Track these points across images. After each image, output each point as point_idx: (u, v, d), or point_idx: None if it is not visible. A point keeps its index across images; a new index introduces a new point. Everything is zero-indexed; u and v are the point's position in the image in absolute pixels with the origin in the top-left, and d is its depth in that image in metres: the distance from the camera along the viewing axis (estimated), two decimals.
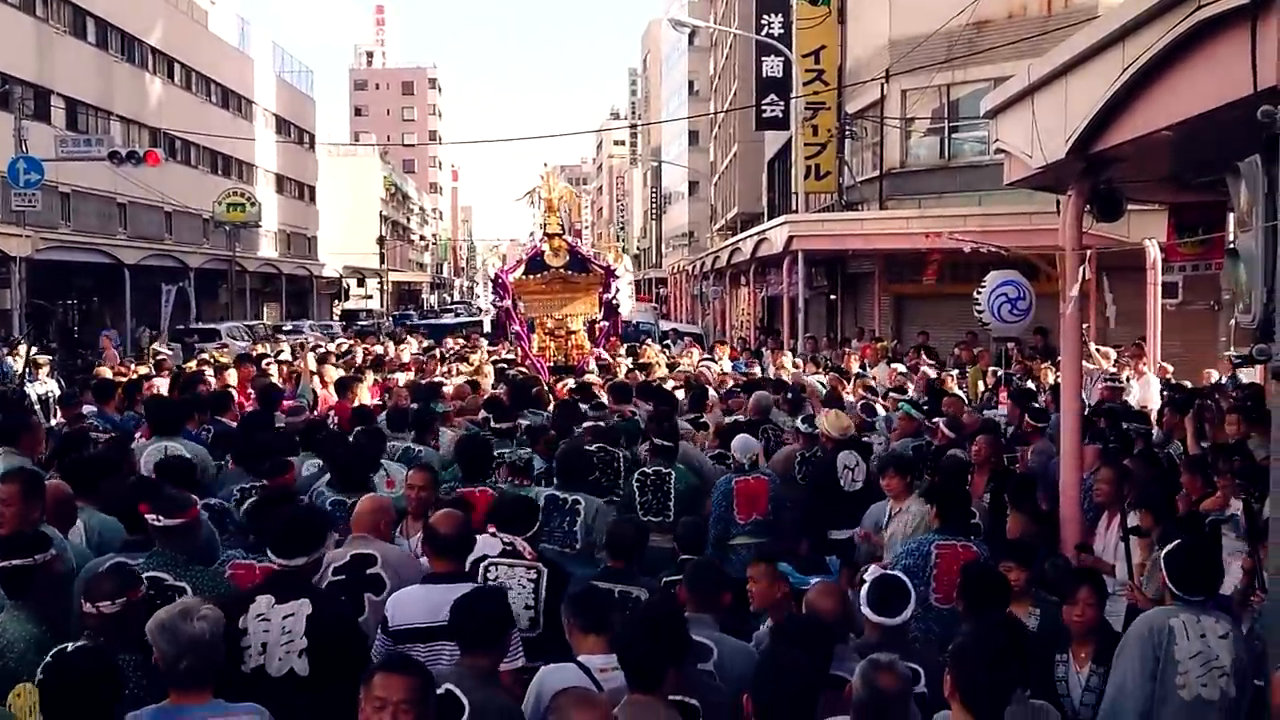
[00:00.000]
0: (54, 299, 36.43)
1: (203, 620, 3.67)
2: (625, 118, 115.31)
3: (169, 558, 4.86)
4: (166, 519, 4.85)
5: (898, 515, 6.97)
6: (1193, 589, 4.62)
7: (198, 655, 3.63)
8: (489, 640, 4.03)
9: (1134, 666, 4.51)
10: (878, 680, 3.57)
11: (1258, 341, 4.78)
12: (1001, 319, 13.20)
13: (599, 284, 15.05)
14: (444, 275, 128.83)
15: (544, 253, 14.98)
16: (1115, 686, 4.59)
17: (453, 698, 3.81)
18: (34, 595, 4.43)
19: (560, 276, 14.90)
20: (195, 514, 5.05)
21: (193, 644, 3.62)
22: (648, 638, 3.78)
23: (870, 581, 4.67)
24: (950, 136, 24.10)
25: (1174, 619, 4.53)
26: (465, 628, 4.07)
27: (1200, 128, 5.77)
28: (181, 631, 3.62)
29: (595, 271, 15.17)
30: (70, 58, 36.07)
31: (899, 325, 24.80)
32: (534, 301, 15.09)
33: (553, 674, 4.23)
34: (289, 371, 13.81)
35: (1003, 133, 8.60)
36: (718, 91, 55.49)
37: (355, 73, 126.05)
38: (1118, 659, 4.62)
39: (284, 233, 59.44)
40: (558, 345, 14.83)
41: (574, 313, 15.05)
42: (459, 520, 5.02)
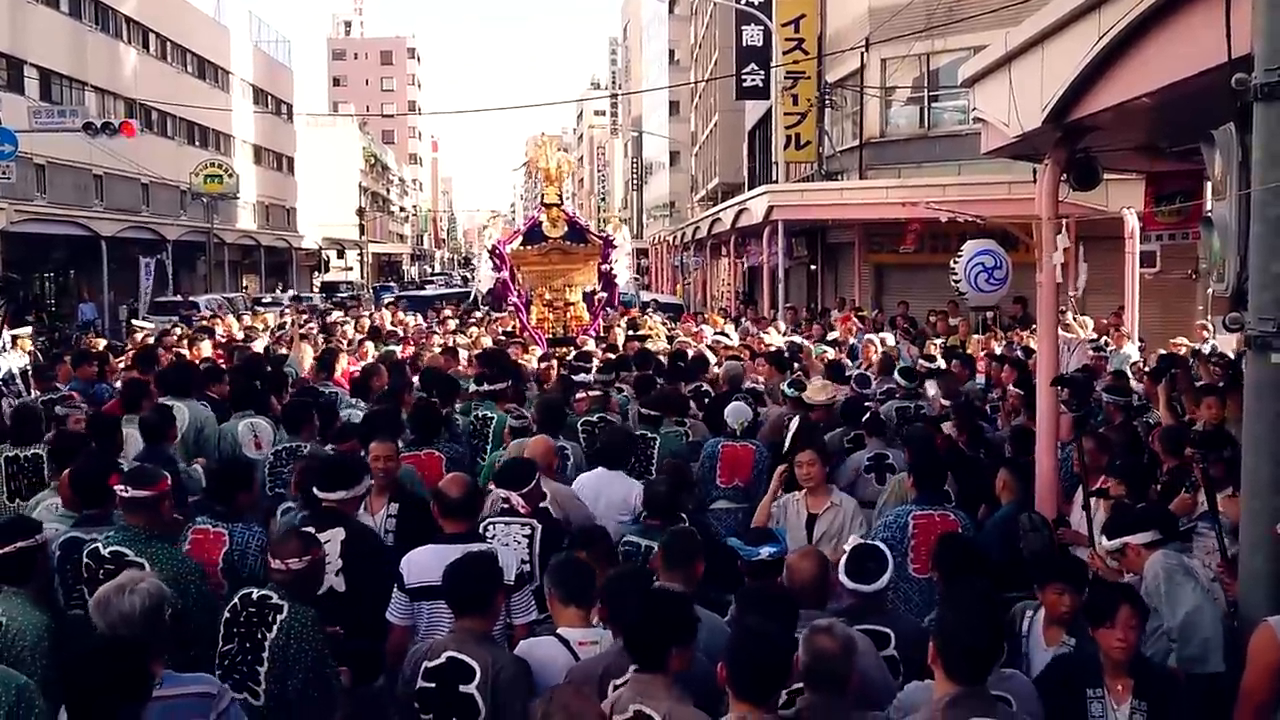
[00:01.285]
0: (30, 272, 36.15)
1: (134, 595, 3.69)
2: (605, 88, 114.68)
3: (132, 533, 4.90)
4: (135, 490, 4.93)
5: (825, 514, 6.15)
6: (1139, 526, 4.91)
7: (130, 629, 3.64)
8: (479, 604, 4.15)
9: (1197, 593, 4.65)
10: (817, 643, 3.67)
11: (1231, 309, 4.80)
12: (978, 288, 13.22)
13: (597, 255, 14.82)
14: (425, 247, 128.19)
15: (542, 223, 14.74)
16: (1187, 611, 4.63)
17: (458, 663, 3.98)
18: (34, 580, 4.46)
19: (559, 247, 14.60)
20: (164, 487, 5.07)
21: (124, 619, 3.66)
22: (653, 617, 3.80)
23: (848, 550, 4.70)
24: (930, 106, 24.08)
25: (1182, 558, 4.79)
26: (455, 593, 4.19)
27: (1176, 96, 5.78)
28: (113, 606, 3.68)
29: (593, 242, 14.97)
30: (43, 27, 35.57)
31: (879, 295, 24.85)
32: (532, 273, 14.88)
33: (533, 648, 4.31)
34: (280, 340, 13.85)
35: (980, 101, 8.59)
36: (698, 61, 55.22)
37: (333, 42, 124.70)
38: (1171, 593, 4.68)
39: (262, 204, 58.98)
40: (556, 317, 14.60)
41: (572, 284, 14.82)
42: (466, 483, 5.25)
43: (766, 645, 3.53)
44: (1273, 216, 4.36)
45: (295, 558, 4.38)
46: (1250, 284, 4.52)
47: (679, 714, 3.63)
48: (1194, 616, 4.61)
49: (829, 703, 3.67)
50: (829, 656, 3.65)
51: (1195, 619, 4.60)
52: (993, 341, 14.80)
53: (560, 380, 9.68)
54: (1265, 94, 4.34)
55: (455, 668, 4.01)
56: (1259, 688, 4.12)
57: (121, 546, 4.81)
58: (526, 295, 14.85)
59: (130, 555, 4.78)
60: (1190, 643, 4.61)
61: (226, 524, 5.48)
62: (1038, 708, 4.13)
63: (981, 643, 3.62)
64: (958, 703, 3.55)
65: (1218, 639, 4.59)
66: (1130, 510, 5.30)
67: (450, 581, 4.23)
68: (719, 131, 46.14)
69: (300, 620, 4.29)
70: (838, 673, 3.66)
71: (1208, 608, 4.67)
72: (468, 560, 4.31)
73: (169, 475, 5.28)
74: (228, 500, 5.57)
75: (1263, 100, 4.36)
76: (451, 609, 4.24)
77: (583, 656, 4.22)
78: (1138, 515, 5.11)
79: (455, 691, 4.01)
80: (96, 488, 5.28)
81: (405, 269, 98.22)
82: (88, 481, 5.38)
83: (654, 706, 3.64)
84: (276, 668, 4.23)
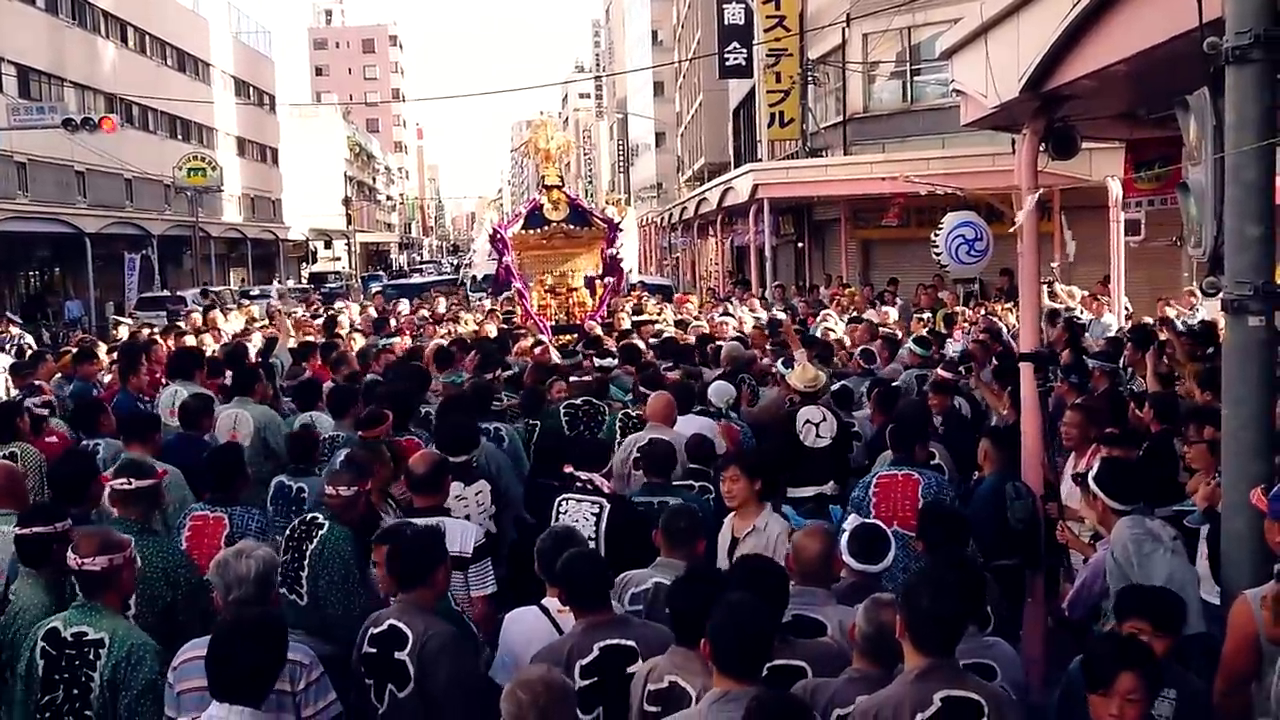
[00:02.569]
0: (14, 271, 36.01)
1: (250, 559, 4.14)
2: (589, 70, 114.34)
3: (124, 525, 4.88)
4: (139, 481, 5.06)
5: (747, 539, 5.52)
6: (1126, 498, 4.94)
7: (244, 589, 4.09)
8: (420, 577, 4.31)
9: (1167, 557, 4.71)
10: (881, 615, 3.74)
11: (1208, 274, 4.79)
12: (959, 260, 13.23)
13: (601, 238, 14.26)
14: (413, 235, 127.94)
15: (543, 206, 14.16)
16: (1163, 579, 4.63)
17: (395, 630, 4.21)
18: (51, 564, 4.55)
19: (561, 231, 14.08)
20: (160, 478, 5.28)
21: (239, 580, 4.09)
22: (694, 597, 3.85)
23: (850, 529, 4.69)
24: (913, 80, 24.05)
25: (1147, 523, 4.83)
26: (399, 567, 4.35)
27: (1150, 62, 5.75)
28: (231, 568, 4.12)
29: (597, 225, 14.38)
30: (19, 24, 35.34)
31: (866, 270, 24.85)
32: (533, 257, 14.29)
33: (515, 620, 4.51)
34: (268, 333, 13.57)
35: (958, 73, 8.55)
36: (681, 41, 55.05)
37: (314, 31, 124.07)
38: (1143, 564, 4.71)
39: (248, 196, 58.80)
40: (559, 303, 14.07)
41: (575, 269, 14.25)
42: (433, 459, 5.68)
43: (748, 619, 3.53)
44: (1247, 180, 4.35)
45: (345, 486, 5.21)
46: (1226, 248, 4.51)
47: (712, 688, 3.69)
48: (1169, 582, 4.60)
49: (883, 675, 3.71)
50: (892, 630, 3.67)
51: (1170, 584, 4.59)
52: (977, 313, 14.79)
53: (536, 369, 9.61)
54: (1237, 57, 4.32)
55: (393, 635, 4.22)
56: (1237, 659, 4.13)
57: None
58: (525, 281, 14.23)
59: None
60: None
61: (225, 508, 5.67)
62: (1021, 676, 4.14)
63: (947, 611, 3.60)
64: (926, 675, 3.54)
65: (1195, 601, 4.62)
66: (1128, 475, 5.23)
67: (391, 560, 4.42)
68: (704, 111, 46.04)
69: (336, 536, 5.10)
70: (896, 645, 3.69)
71: (1179, 572, 4.70)
72: (410, 536, 4.49)
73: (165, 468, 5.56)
74: (225, 486, 5.76)
75: (1235, 63, 4.34)
76: (397, 583, 4.38)
77: (562, 624, 4.36)
78: (1128, 485, 5.07)
79: (391, 658, 4.19)
80: (76, 487, 5.36)
81: (394, 258, 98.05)
82: (65, 481, 5.45)
83: (689, 680, 3.76)
84: (313, 572, 5.06)
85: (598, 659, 4.07)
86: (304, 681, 3.89)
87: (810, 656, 3.98)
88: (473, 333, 13.65)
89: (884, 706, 3.53)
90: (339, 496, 5.19)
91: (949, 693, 3.51)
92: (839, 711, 3.67)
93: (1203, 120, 4.84)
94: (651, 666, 3.90)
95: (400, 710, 4.17)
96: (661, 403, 7.26)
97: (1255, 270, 4.39)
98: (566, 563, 4.28)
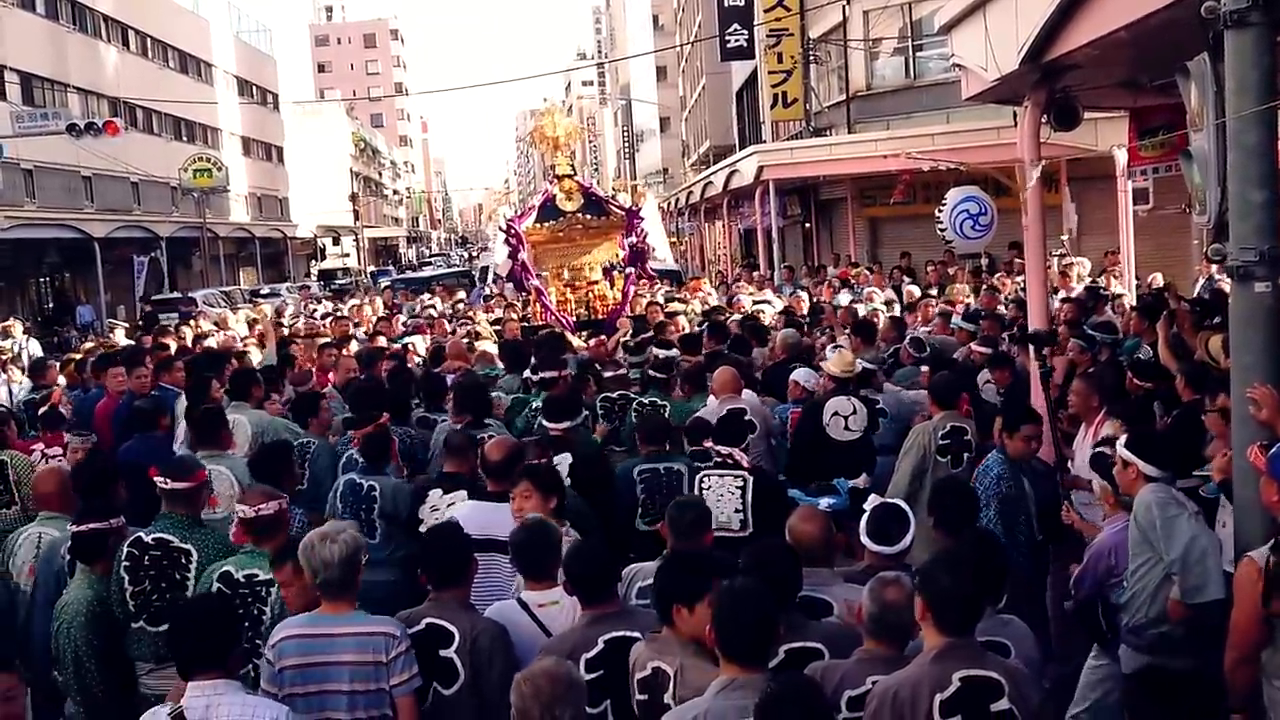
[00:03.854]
0: (24, 277, 36.15)
1: (335, 544, 4.19)
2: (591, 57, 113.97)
3: (174, 520, 5.12)
4: (174, 483, 5.17)
5: None
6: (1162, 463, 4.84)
7: (330, 572, 4.16)
8: (456, 575, 4.37)
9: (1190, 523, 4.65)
10: (885, 594, 3.71)
11: (1213, 241, 4.76)
12: (964, 235, 13.16)
13: (619, 227, 13.48)
14: (421, 229, 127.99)
15: (555, 197, 13.41)
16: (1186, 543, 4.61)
17: (437, 628, 4.21)
18: (106, 559, 4.95)
19: (577, 222, 13.31)
20: (202, 477, 5.37)
21: (325, 564, 4.15)
22: (674, 578, 3.91)
23: (869, 510, 4.64)
24: (915, 55, 23.90)
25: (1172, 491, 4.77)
26: (432, 566, 4.41)
27: (1149, 29, 5.72)
28: (317, 552, 4.17)
29: (615, 214, 13.55)
30: (20, 31, 35.37)
31: (875, 248, 24.77)
32: (548, 251, 13.50)
33: (496, 611, 4.50)
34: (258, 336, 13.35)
35: (957, 47, 8.53)
36: (682, 25, 54.83)
37: (315, 28, 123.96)
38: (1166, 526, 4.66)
39: (254, 196, 58.89)
40: (578, 298, 13.33)
41: (593, 261, 13.52)
42: (508, 446, 5.77)
43: (752, 605, 3.51)
44: (1248, 144, 4.33)
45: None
46: (1230, 214, 4.48)
47: (690, 666, 3.72)
48: (1191, 547, 4.60)
49: (892, 655, 3.71)
50: (897, 607, 3.68)
51: (1192, 549, 4.60)
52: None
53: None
54: (1235, 21, 4.30)
55: (434, 633, 4.22)
56: (1246, 619, 4.12)
57: (165, 534, 5.07)
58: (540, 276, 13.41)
59: (175, 541, 5.05)
60: (1190, 573, 4.61)
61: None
62: (1036, 652, 4.12)
63: (965, 591, 3.59)
64: (945, 655, 3.54)
65: (1217, 567, 4.58)
66: (1162, 441, 5.20)
67: (425, 558, 4.49)
68: (707, 95, 45.85)
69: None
70: (904, 623, 3.70)
71: (1202, 537, 4.66)
72: (442, 535, 4.56)
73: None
74: (274, 482, 5.71)
75: (1233, 28, 4.31)
76: (430, 582, 4.42)
77: (543, 618, 4.37)
78: (1163, 450, 4.98)
79: (436, 656, 4.19)
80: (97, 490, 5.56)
81: (402, 252, 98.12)
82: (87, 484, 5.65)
83: (668, 661, 3.79)
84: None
85: (603, 652, 4.06)
86: (394, 652, 4.07)
87: (826, 638, 3.97)
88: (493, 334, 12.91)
89: (902, 687, 3.52)
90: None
91: (968, 672, 3.51)
92: (850, 693, 3.65)
93: (1203, 86, 4.81)
94: (636, 655, 3.91)
95: (449, 708, 4.19)
96: (727, 375, 7.57)
97: (1260, 235, 4.37)
98: (571, 555, 4.28)
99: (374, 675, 4.03)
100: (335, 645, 4.07)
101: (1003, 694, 3.49)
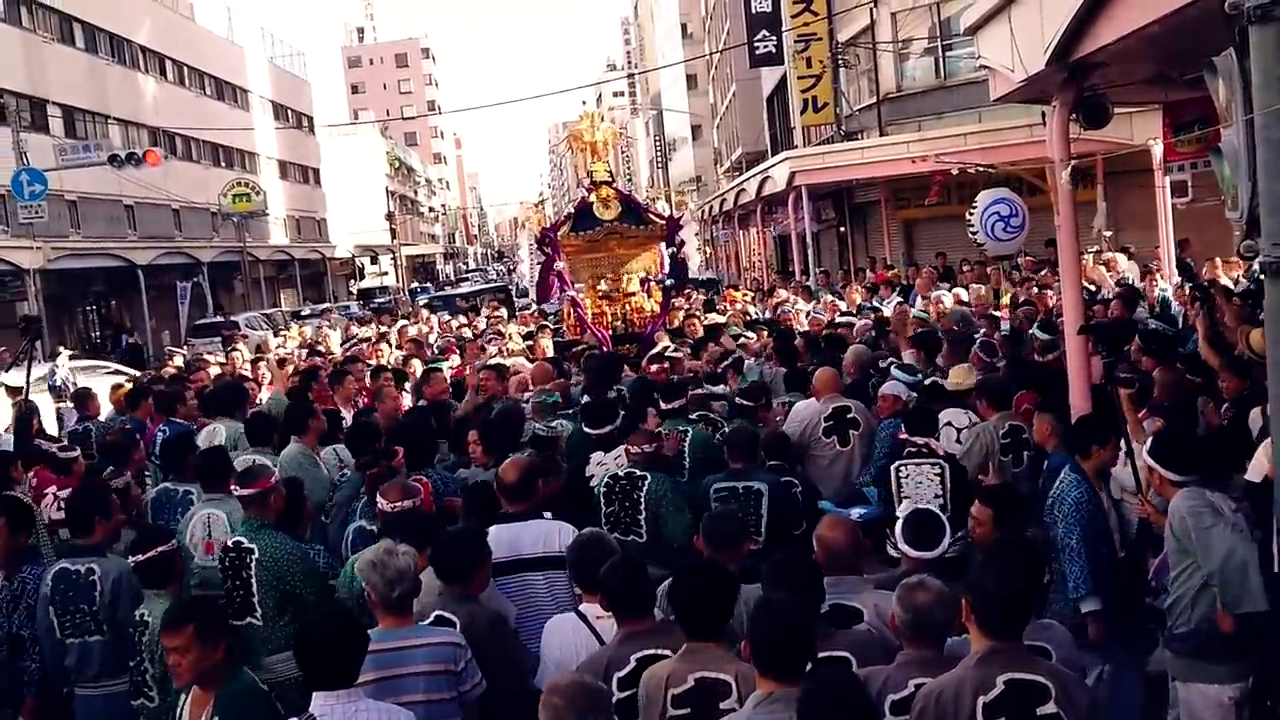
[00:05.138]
0: (72, 307, 36.75)
1: (405, 556, 4.38)
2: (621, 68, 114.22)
3: (249, 522, 5.42)
4: (243, 488, 5.44)
5: None
6: (1182, 468, 4.76)
7: (405, 584, 4.33)
8: (464, 572, 4.63)
9: (1226, 533, 4.52)
10: (915, 599, 3.73)
11: (1245, 237, 4.74)
12: (995, 237, 13.10)
13: (659, 237, 12.93)
14: (457, 245, 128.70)
15: (592, 204, 12.80)
16: (1223, 556, 4.50)
17: (442, 619, 4.49)
18: (173, 583, 5.04)
19: (615, 231, 12.70)
20: (267, 484, 5.50)
21: (401, 575, 4.32)
22: (697, 593, 3.92)
23: (904, 516, 4.69)
24: (944, 55, 23.80)
25: (1208, 494, 4.65)
26: (442, 564, 4.66)
27: (1175, 25, 5.70)
28: (390, 565, 4.32)
29: (655, 223, 13.01)
30: (61, 65, 36.05)
31: (910, 250, 24.66)
32: (584, 261, 12.97)
33: (555, 625, 4.63)
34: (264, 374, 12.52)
35: (984, 49, 8.52)
36: (710, 32, 54.89)
37: (347, 50, 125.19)
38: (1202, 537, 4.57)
39: (293, 218, 59.51)
40: (615, 311, 12.79)
41: (630, 272, 12.93)
42: (523, 466, 5.63)
43: (787, 618, 3.54)
44: (1276, 139, 4.29)
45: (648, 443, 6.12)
46: (1261, 209, 4.46)
47: (747, 674, 3.68)
48: (1229, 559, 4.51)
49: (932, 655, 3.73)
50: (927, 609, 3.71)
51: (1230, 561, 4.51)
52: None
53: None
54: (1259, 17, 4.27)
55: (439, 623, 4.48)
56: None
57: (240, 536, 5.36)
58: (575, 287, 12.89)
59: (244, 542, 5.30)
60: (1229, 585, 4.53)
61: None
62: (1077, 655, 4.12)
63: (1010, 593, 3.60)
64: (989, 658, 3.55)
65: (1256, 577, 4.49)
66: (1183, 445, 5.01)
67: (437, 556, 4.69)
68: (738, 101, 45.85)
69: (658, 483, 5.99)
70: (938, 623, 3.73)
71: (1240, 547, 4.54)
72: (454, 537, 4.87)
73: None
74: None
75: (1257, 23, 4.29)
76: (440, 577, 4.66)
77: (601, 630, 4.42)
78: (1184, 455, 4.87)
79: None
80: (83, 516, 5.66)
81: (440, 269, 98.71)
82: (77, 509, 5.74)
83: (725, 671, 3.76)
84: (650, 513, 5.92)
85: (635, 670, 4.07)
86: (463, 661, 4.26)
87: (852, 645, 4.00)
88: (525, 350, 12.64)
89: (945, 689, 3.53)
90: (642, 454, 6.04)
91: (1013, 675, 3.51)
92: (893, 696, 3.68)
93: (1231, 81, 4.81)
94: (669, 672, 3.84)
95: None
96: (829, 375, 7.75)
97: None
98: (607, 571, 4.31)
99: (448, 684, 4.21)
100: (409, 657, 4.21)
101: (1049, 697, 3.48)
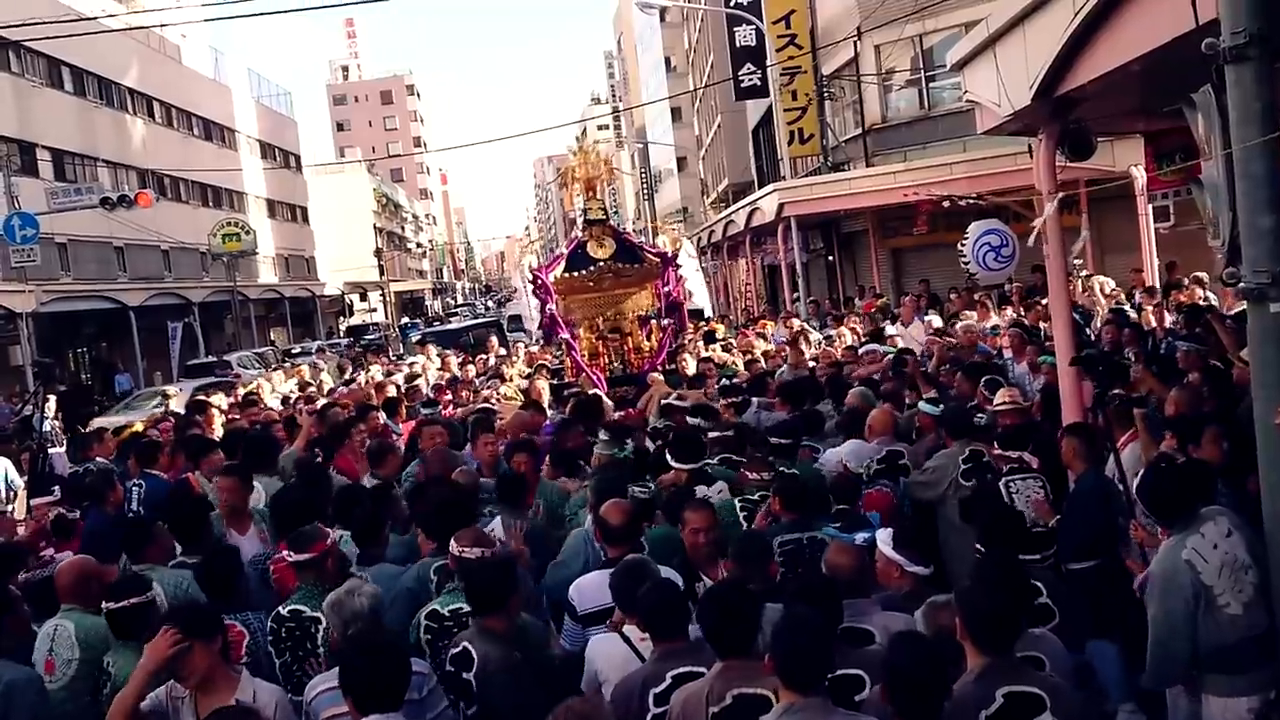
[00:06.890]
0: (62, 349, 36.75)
1: (362, 596, 4.59)
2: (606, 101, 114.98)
3: (307, 590, 5.16)
4: (296, 554, 5.20)
5: None
6: (1164, 513, 4.77)
7: (360, 623, 4.50)
8: (495, 603, 4.64)
9: (1177, 606, 4.52)
10: (940, 619, 3.92)
11: (1228, 265, 4.93)
12: (987, 267, 13.32)
13: (655, 275, 12.80)
14: (445, 280, 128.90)
15: (586, 244, 12.66)
16: (1164, 627, 4.55)
17: (466, 653, 4.54)
18: (145, 636, 4.63)
19: (610, 270, 12.52)
20: (322, 548, 5.22)
21: (355, 615, 4.52)
22: (724, 614, 4.04)
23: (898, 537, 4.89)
24: (928, 86, 24.12)
25: (1183, 553, 4.56)
26: (474, 595, 4.70)
27: (1155, 63, 5.92)
28: (346, 605, 4.54)
29: (650, 261, 12.89)
30: (50, 109, 36.22)
31: (898, 279, 24.89)
32: (580, 301, 12.72)
33: (599, 644, 4.73)
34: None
35: (970, 84, 8.74)
36: (695, 65, 55.37)
37: (333, 88, 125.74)
38: (1154, 599, 4.61)
39: (281, 257, 59.64)
40: (612, 351, 12.62)
41: (626, 311, 12.76)
42: (627, 509, 5.50)
43: (810, 632, 3.67)
44: (1255, 173, 4.50)
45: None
46: (1241, 239, 4.66)
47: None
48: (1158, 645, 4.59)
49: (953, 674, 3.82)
50: (952, 630, 3.86)
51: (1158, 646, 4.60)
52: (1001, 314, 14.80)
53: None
54: (1234, 56, 4.49)
55: (464, 657, 4.55)
56: None
57: (299, 604, 5.12)
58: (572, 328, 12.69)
59: (307, 611, 5.06)
60: (1152, 660, 4.65)
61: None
62: (1069, 665, 4.27)
63: (1002, 609, 3.76)
64: (987, 673, 3.70)
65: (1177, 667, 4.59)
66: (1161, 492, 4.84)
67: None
68: (723, 133, 46.25)
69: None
70: (960, 645, 3.85)
71: (1182, 625, 4.54)
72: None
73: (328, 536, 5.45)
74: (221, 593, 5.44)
75: (1232, 63, 4.51)
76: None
77: (642, 650, 4.51)
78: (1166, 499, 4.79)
79: (460, 678, 4.54)
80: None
81: (428, 304, 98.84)
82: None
83: (767, 685, 3.80)
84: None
85: (670, 687, 4.17)
86: (426, 689, 4.36)
87: (866, 664, 4.12)
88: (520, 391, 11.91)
89: (950, 706, 3.65)
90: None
91: (1011, 688, 3.66)
92: None
93: (1209, 116, 5.01)
94: (707, 690, 3.91)
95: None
96: (886, 416, 7.80)
97: (1272, 257, 4.53)
98: (644, 594, 4.45)
99: (415, 713, 4.24)
100: None
101: (1045, 708, 3.64)
